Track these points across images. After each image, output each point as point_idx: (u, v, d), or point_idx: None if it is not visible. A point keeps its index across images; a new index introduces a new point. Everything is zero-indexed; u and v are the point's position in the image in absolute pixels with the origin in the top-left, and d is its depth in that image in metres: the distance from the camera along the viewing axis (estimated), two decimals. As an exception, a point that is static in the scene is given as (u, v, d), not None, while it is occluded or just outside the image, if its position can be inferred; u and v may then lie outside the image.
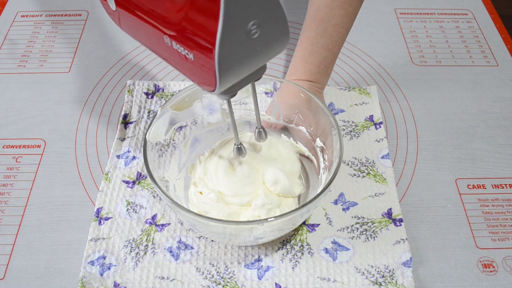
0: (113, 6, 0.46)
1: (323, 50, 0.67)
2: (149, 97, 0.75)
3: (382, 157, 0.68)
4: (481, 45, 0.87)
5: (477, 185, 0.67)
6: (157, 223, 0.62)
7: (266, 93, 0.74)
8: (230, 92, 0.45)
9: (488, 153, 0.71)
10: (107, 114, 0.75)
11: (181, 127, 0.66)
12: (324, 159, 0.62)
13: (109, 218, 0.62)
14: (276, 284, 0.57)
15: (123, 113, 0.73)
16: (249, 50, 0.40)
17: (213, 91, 0.41)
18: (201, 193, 0.59)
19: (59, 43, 0.86)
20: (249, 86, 0.49)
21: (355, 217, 0.62)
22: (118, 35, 0.87)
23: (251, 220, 0.56)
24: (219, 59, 0.38)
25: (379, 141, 0.70)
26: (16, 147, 0.71)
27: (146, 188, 0.65)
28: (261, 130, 0.56)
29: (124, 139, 0.70)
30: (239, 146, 0.55)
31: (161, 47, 0.43)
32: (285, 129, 0.68)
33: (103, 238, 0.60)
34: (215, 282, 0.57)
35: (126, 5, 0.44)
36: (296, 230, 0.61)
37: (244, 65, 0.41)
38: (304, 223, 0.62)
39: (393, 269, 0.58)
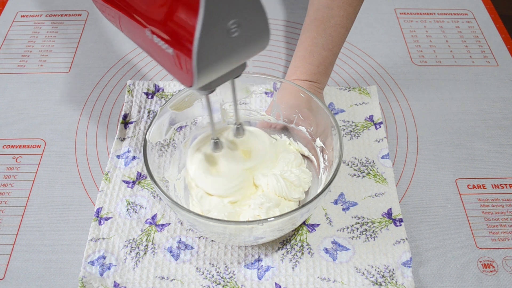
0: None
1: (323, 50, 0.67)
2: (149, 97, 0.75)
3: (382, 157, 0.68)
4: (481, 45, 0.87)
5: (477, 185, 0.67)
6: (157, 223, 0.62)
7: (266, 93, 0.74)
8: (209, 88, 0.45)
9: (488, 153, 0.71)
10: (107, 114, 0.75)
11: (181, 127, 0.66)
12: (324, 159, 0.62)
13: (109, 218, 0.62)
14: (276, 284, 0.57)
15: (123, 113, 0.73)
16: (229, 48, 0.40)
17: (190, 86, 0.41)
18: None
19: (59, 43, 0.86)
20: (248, 86, 0.49)
21: (355, 217, 0.62)
22: (118, 35, 0.87)
23: (251, 220, 0.56)
24: (198, 56, 0.38)
25: (379, 141, 0.70)
26: (16, 147, 0.71)
27: (146, 188, 0.65)
28: (239, 126, 0.56)
29: (124, 139, 0.70)
30: (216, 140, 0.55)
31: (143, 40, 0.43)
32: (285, 129, 0.68)
33: (103, 238, 0.60)
34: (215, 282, 0.57)
35: None
36: (296, 230, 0.61)
37: (222, 63, 0.41)
38: (304, 223, 0.62)
39: (393, 269, 0.58)
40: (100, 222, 0.61)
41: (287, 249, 0.60)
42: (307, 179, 0.62)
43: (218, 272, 0.58)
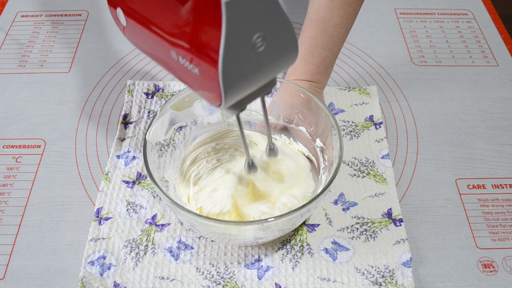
0: (124, 22, 0.46)
1: (323, 50, 0.67)
2: (149, 97, 0.75)
3: (382, 157, 0.68)
4: (481, 45, 0.87)
5: (477, 185, 0.67)
6: (157, 223, 0.62)
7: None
8: (239, 107, 0.43)
9: (488, 153, 0.71)
10: (107, 114, 0.75)
11: (181, 127, 0.66)
12: (324, 159, 0.62)
13: (109, 218, 0.62)
14: (276, 284, 0.57)
15: (123, 113, 0.73)
16: (255, 64, 0.39)
17: (219, 106, 0.40)
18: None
19: (59, 43, 0.86)
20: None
21: (355, 217, 0.62)
22: (118, 35, 0.87)
23: (251, 220, 0.56)
24: (224, 74, 0.36)
25: (379, 141, 0.70)
26: (16, 147, 0.71)
27: (146, 188, 0.65)
28: (272, 146, 0.53)
29: (124, 139, 0.70)
30: (251, 162, 0.53)
31: (168, 61, 0.42)
32: (285, 129, 0.68)
33: (103, 238, 0.60)
34: (215, 282, 0.57)
35: (136, 20, 0.44)
36: (296, 230, 0.61)
37: (250, 80, 0.40)
38: (304, 223, 0.62)
39: (393, 269, 0.58)
40: (100, 222, 0.61)
41: (287, 249, 0.60)
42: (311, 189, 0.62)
43: (218, 272, 0.58)
